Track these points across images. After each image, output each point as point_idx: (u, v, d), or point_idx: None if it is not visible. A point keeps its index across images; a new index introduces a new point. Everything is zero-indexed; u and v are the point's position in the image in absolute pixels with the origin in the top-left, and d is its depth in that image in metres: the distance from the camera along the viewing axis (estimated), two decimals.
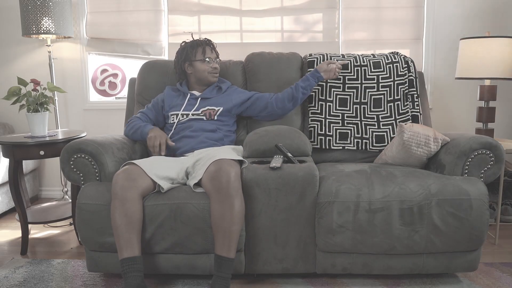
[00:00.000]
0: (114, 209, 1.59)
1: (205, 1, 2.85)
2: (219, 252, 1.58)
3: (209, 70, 2.10)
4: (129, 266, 1.54)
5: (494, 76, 2.23)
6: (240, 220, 1.60)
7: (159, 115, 2.15)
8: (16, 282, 1.82)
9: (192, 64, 2.10)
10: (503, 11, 2.80)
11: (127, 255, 1.55)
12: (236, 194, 1.58)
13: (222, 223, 1.57)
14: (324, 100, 2.24)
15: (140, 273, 1.55)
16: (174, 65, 2.17)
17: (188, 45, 2.12)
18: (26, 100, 2.17)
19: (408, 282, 1.79)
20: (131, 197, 1.60)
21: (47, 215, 2.33)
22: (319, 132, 2.20)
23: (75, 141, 1.80)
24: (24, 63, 2.97)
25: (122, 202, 1.59)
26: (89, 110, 3.00)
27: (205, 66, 2.09)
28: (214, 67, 2.11)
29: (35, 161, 2.92)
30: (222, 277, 1.58)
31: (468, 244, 1.65)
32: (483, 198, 1.63)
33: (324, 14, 2.84)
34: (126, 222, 1.57)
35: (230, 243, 1.58)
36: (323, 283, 1.79)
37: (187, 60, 2.10)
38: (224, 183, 1.57)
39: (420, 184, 1.66)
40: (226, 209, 1.56)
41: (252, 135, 1.94)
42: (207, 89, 2.14)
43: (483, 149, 1.71)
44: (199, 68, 2.09)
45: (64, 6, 2.58)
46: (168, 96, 2.14)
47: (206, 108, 2.07)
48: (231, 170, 1.60)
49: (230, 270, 1.59)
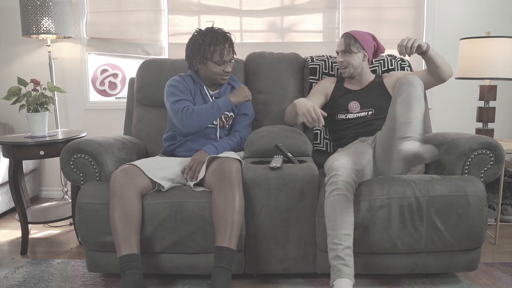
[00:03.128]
0: (113, 207, 1.59)
1: (205, 1, 2.85)
2: (220, 243, 1.55)
3: (221, 73, 1.93)
4: (127, 263, 1.54)
5: (494, 76, 2.23)
6: (241, 211, 1.60)
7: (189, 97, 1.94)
8: (16, 282, 1.82)
9: (205, 63, 1.91)
10: (503, 11, 2.80)
11: (125, 252, 1.55)
12: (238, 185, 1.61)
13: (224, 213, 1.56)
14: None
15: (138, 270, 1.54)
16: (186, 51, 1.96)
17: (206, 41, 1.87)
18: (26, 100, 2.17)
19: (408, 282, 1.79)
20: (129, 194, 1.60)
21: (47, 215, 2.33)
22: (324, 136, 2.20)
23: (75, 141, 1.80)
24: (24, 63, 2.97)
25: (121, 200, 1.59)
26: (89, 110, 3.00)
27: (218, 69, 1.91)
28: (227, 71, 1.93)
29: (35, 161, 2.92)
30: (223, 267, 1.52)
31: (468, 242, 1.65)
32: (481, 194, 1.63)
33: (324, 14, 2.84)
34: (124, 220, 1.57)
35: (232, 233, 1.56)
36: (323, 283, 1.79)
37: (202, 56, 1.90)
38: (227, 173, 1.60)
39: (419, 183, 1.67)
40: (228, 199, 1.57)
41: (253, 135, 1.94)
42: (222, 89, 2.00)
43: (483, 149, 1.71)
44: (211, 69, 1.91)
45: (64, 6, 2.58)
46: (191, 88, 1.96)
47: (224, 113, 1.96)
48: (233, 163, 1.65)
49: (231, 262, 1.55)
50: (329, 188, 1.60)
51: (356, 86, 2.10)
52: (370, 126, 2.01)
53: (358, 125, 2.03)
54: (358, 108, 2.03)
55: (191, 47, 1.93)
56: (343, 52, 2.03)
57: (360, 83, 2.09)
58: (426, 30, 2.83)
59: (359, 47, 2.00)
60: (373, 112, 2.01)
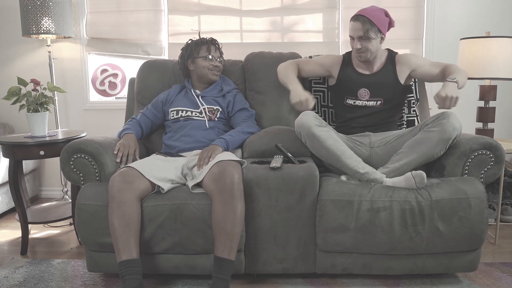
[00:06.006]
0: (112, 212, 1.59)
1: (205, 1, 2.85)
2: (220, 254, 1.58)
3: (210, 67, 2.07)
4: (127, 268, 1.53)
5: (494, 76, 2.22)
6: (242, 222, 1.61)
7: (158, 113, 2.13)
8: (16, 282, 1.82)
9: (194, 61, 2.09)
10: (503, 11, 2.80)
11: (125, 257, 1.55)
12: (239, 196, 1.59)
13: (224, 225, 1.57)
14: (326, 106, 2.26)
15: (138, 275, 1.54)
16: (179, 61, 2.17)
17: (193, 43, 2.12)
18: (26, 100, 2.17)
19: (408, 282, 1.79)
20: (128, 199, 1.59)
21: (47, 215, 2.33)
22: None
23: (75, 141, 1.80)
24: (24, 63, 2.97)
25: (119, 205, 1.58)
26: (89, 110, 3.00)
27: (207, 63, 2.07)
28: (216, 65, 2.09)
29: (35, 161, 2.92)
30: (222, 279, 1.57)
31: (468, 243, 1.65)
32: (481, 196, 1.63)
33: (324, 14, 2.84)
34: (123, 225, 1.57)
35: (232, 245, 1.58)
36: (323, 283, 1.79)
37: (191, 57, 2.10)
38: (228, 184, 1.57)
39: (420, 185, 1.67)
40: (229, 211, 1.56)
41: (252, 136, 1.94)
42: (209, 88, 2.12)
43: (483, 150, 1.71)
44: (200, 64, 2.08)
45: (64, 6, 2.58)
46: (174, 93, 2.15)
47: (205, 106, 2.05)
48: (235, 172, 1.61)
49: (230, 272, 1.59)
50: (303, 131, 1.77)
51: (367, 69, 2.01)
52: (378, 117, 1.98)
53: (366, 116, 1.99)
54: (368, 96, 1.98)
55: (182, 53, 2.14)
56: (360, 38, 1.90)
57: (372, 66, 2.00)
58: (426, 30, 2.83)
59: (376, 31, 1.88)
60: (382, 102, 1.98)
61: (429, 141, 1.72)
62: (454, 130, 1.70)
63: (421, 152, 1.73)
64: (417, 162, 1.74)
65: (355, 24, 1.90)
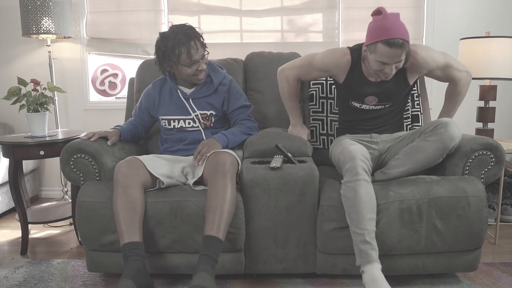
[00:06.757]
0: (116, 196, 1.60)
1: (205, 1, 2.85)
2: (208, 232, 1.52)
3: (195, 73, 1.85)
4: (130, 250, 1.53)
5: (494, 76, 2.23)
6: (232, 203, 1.59)
7: (147, 117, 2.04)
8: (16, 282, 1.82)
9: (176, 67, 1.84)
10: (503, 11, 2.80)
11: (129, 239, 1.54)
12: (231, 177, 1.62)
13: (214, 203, 1.56)
14: (325, 97, 2.23)
15: (141, 258, 1.54)
16: (155, 61, 1.87)
17: (169, 46, 1.78)
18: (26, 100, 2.17)
19: (408, 282, 1.79)
20: (133, 183, 1.62)
21: (47, 215, 2.33)
22: (321, 132, 2.20)
23: (75, 141, 1.80)
24: (24, 63, 2.97)
25: (125, 189, 1.60)
26: (89, 110, 3.00)
27: (191, 70, 1.83)
28: (201, 69, 1.84)
29: (35, 161, 2.92)
30: (208, 255, 1.49)
31: (468, 242, 1.65)
32: (481, 195, 1.63)
33: (324, 14, 2.84)
34: (128, 208, 1.57)
35: (220, 222, 1.54)
36: (323, 283, 1.79)
37: (170, 61, 1.82)
38: (220, 164, 1.63)
39: (418, 184, 1.67)
40: (219, 189, 1.58)
41: (253, 136, 1.94)
42: (197, 87, 1.94)
43: (483, 150, 1.71)
44: (184, 72, 1.84)
45: (64, 6, 2.58)
46: (156, 94, 1.97)
47: (198, 113, 1.91)
48: (227, 156, 1.68)
49: (217, 251, 1.51)
50: (348, 174, 1.62)
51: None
52: (384, 117, 1.94)
53: (372, 118, 1.93)
54: (375, 101, 1.89)
55: (158, 56, 1.84)
56: (399, 63, 1.70)
57: None
58: (426, 30, 2.83)
59: None
60: (391, 105, 1.91)
61: (425, 151, 1.71)
62: (452, 140, 1.68)
63: (416, 161, 1.72)
64: (413, 170, 1.74)
65: (397, 51, 1.65)
